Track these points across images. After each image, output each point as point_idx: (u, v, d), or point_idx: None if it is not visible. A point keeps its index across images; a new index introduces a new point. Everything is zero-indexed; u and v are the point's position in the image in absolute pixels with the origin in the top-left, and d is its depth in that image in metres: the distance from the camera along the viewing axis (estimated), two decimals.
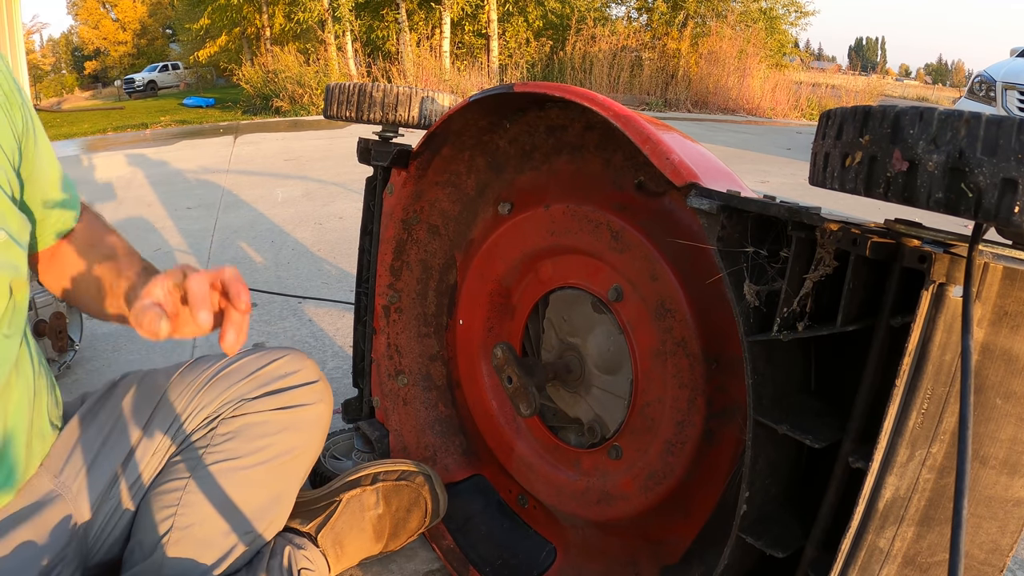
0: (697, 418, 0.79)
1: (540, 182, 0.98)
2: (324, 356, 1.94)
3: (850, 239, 0.53)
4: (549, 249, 0.96)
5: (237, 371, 0.93)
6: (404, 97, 1.14)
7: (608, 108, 0.75)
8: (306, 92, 10.68)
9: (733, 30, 12.24)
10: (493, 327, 1.07)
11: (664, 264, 0.81)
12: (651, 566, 0.89)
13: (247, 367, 0.93)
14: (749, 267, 0.63)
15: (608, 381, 0.92)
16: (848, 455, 0.55)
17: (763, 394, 0.61)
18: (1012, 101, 4.99)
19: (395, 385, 1.19)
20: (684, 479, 0.82)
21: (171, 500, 0.86)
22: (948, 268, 0.48)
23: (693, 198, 0.65)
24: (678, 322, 0.80)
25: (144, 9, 32.18)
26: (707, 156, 0.79)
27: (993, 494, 0.55)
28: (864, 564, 0.54)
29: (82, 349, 1.90)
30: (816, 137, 0.54)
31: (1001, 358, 0.52)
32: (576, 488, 0.96)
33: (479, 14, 13.29)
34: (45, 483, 0.82)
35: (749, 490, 0.61)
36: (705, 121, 9.38)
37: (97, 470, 0.86)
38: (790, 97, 11.70)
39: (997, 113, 0.43)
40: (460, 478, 1.18)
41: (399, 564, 1.15)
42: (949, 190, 0.43)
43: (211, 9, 15.74)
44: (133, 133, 6.73)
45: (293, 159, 5.24)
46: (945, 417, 0.52)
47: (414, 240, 1.14)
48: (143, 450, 0.89)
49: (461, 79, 11.39)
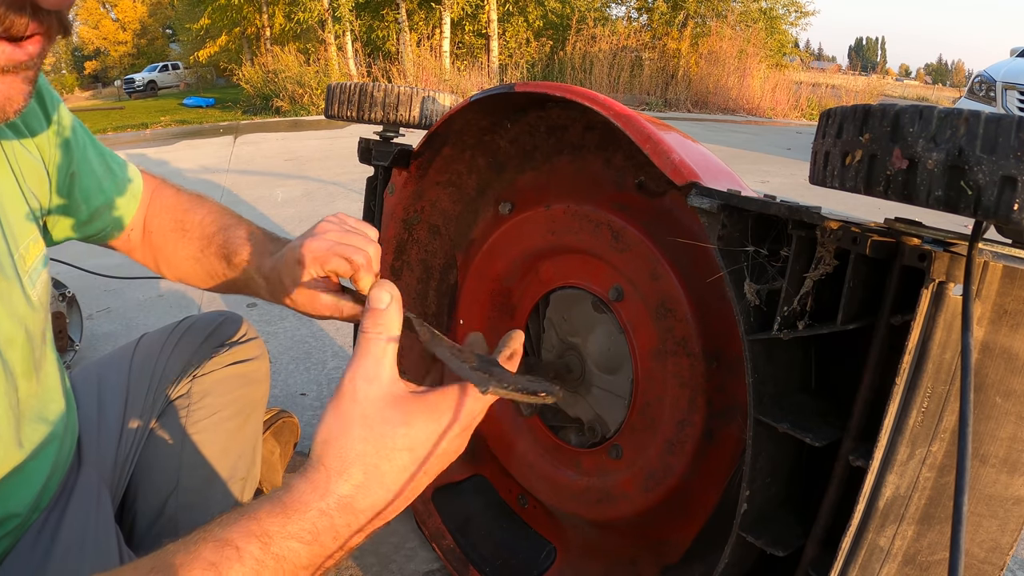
0: (697, 417, 0.80)
1: (541, 182, 0.98)
2: (324, 356, 1.94)
3: (850, 238, 0.53)
4: (550, 249, 0.96)
5: (193, 333, 0.97)
6: (405, 97, 1.14)
7: (609, 108, 0.75)
8: (306, 92, 10.69)
9: (733, 30, 12.25)
10: (494, 327, 1.08)
11: (664, 263, 0.81)
12: (651, 566, 0.89)
13: (200, 329, 0.98)
14: (749, 266, 0.63)
15: (608, 381, 0.92)
16: (848, 453, 0.55)
17: (763, 393, 0.61)
18: (1012, 101, 4.99)
19: None
20: (684, 478, 0.82)
21: (171, 459, 0.89)
22: (948, 266, 0.48)
23: (694, 197, 0.65)
24: (679, 321, 0.80)
25: (144, 9, 32.20)
26: (707, 156, 0.79)
27: (993, 492, 0.55)
28: (864, 563, 0.54)
29: (82, 349, 1.90)
30: (816, 136, 0.54)
31: (1001, 356, 0.52)
32: (576, 488, 0.96)
33: (479, 14, 13.29)
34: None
35: (749, 489, 0.61)
36: (705, 121, 9.38)
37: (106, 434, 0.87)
38: (790, 97, 11.70)
39: (997, 112, 0.44)
40: (460, 478, 1.18)
41: (399, 564, 1.15)
42: (949, 188, 0.43)
43: (211, 9, 15.75)
44: (133, 133, 6.73)
45: (293, 159, 5.24)
46: (945, 415, 0.52)
47: (415, 240, 1.14)
48: (131, 414, 0.90)
49: (461, 79, 11.39)
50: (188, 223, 0.86)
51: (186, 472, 0.89)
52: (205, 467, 0.90)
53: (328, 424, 0.47)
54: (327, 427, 0.47)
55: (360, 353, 0.49)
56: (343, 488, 0.46)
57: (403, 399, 0.48)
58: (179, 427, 0.90)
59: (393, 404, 0.48)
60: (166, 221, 0.87)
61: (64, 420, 0.74)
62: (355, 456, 0.46)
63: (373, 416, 0.47)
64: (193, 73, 23.89)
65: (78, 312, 1.89)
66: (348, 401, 0.47)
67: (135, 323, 2.19)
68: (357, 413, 0.47)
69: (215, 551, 0.44)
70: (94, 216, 0.81)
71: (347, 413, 0.47)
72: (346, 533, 0.47)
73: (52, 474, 0.72)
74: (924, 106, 0.44)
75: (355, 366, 0.48)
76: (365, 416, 0.47)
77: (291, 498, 0.46)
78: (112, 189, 0.82)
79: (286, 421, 1.33)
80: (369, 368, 0.48)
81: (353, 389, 0.47)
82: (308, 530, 0.46)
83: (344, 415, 0.47)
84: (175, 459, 0.89)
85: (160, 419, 0.91)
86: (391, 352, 0.49)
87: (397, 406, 0.48)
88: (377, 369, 0.48)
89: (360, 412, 0.47)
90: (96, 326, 2.15)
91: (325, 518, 0.46)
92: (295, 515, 0.46)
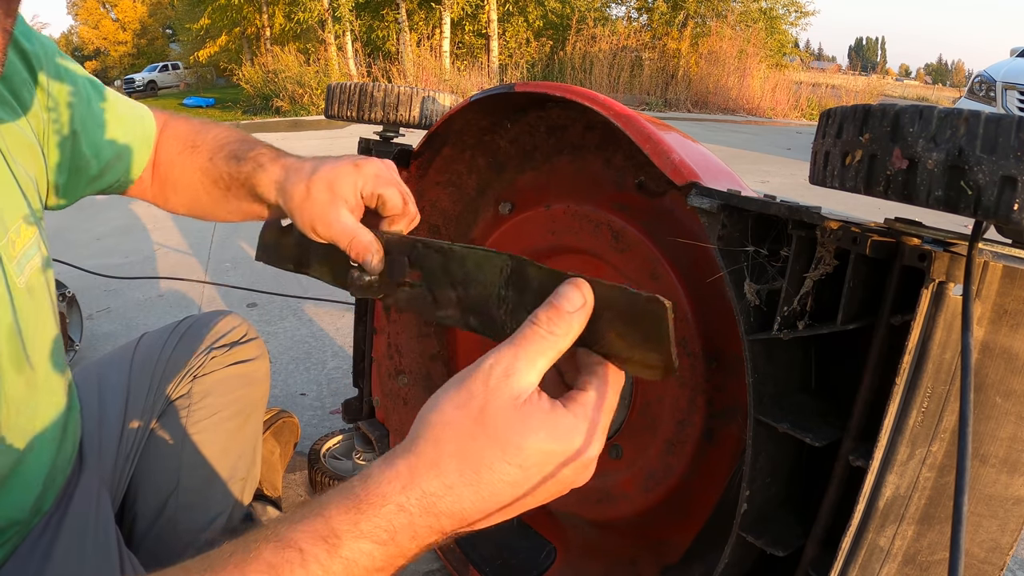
0: (697, 417, 0.80)
1: (541, 182, 0.98)
2: (324, 356, 1.94)
3: (850, 238, 0.53)
4: (550, 249, 0.96)
5: (193, 333, 0.97)
6: (405, 97, 1.14)
7: (609, 108, 0.75)
8: (306, 92, 10.69)
9: (733, 30, 12.25)
10: None
11: (664, 263, 0.81)
12: (651, 566, 0.89)
13: (200, 329, 0.97)
14: (749, 266, 0.63)
15: None
16: (848, 454, 0.55)
17: (763, 393, 0.61)
18: (1012, 101, 4.99)
19: (396, 385, 1.19)
20: (684, 478, 0.82)
21: (171, 459, 0.89)
22: (948, 266, 0.48)
23: (694, 197, 0.65)
24: (678, 321, 0.80)
25: (144, 9, 32.20)
26: (707, 156, 0.79)
27: (993, 492, 0.55)
28: (864, 563, 0.54)
29: (82, 349, 1.90)
30: (816, 136, 0.54)
31: (1001, 356, 0.52)
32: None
33: (479, 14, 13.29)
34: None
35: (749, 489, 0.61)
36: (705, 121, 9.38)
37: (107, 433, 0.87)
38: (790, 97, 11.70)
39: (997, 112, 0.44)
40: None
41: None
42: (949, 188, 0.43)
43: (211, 9, 15.76)
44: None
45: None
46: (945, 415, 0.52)
47: None
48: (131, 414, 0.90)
49: (461, 79, 11.39)
50: (200, 140, 0.80)
51: (186, 472, 0.89)
52: (205, 467, 0.91)
53: (442, 406, 0.41)
54: (440, 408, 0.41)
55: (519, 343, 0.41)
56: (431, 485, 0.39)
57: (535, 408, 0.41)
58: (179, 427, 0.90)
59: (522, 409, 0.40)
60: (174, 146, 0.81)
61: (63, 420, 0.73)
62: (456, 451, 0.40)
63: (496, 415, 0.40)
64: (193, 73, 23.89)
65: (78, 312, 1.89)
66: (480, 387, 0.40)
67: (135, 323, 2.19)
68: (477, 405, 0.40)
69: (276, 552, 0.39)
70: (105, 170, 0.77)
71: (469, 402, 0.40)
72: (426, 536, 0.40)
73: (52, 476, 0.71)
74: (924, 106, 0.44)
75: (507, 354, 0.41)
76: (486, 411, 0.40)
77: (367, 490, 0.40)
78: (122, 139, 0.78)
79: (286, 421, 1.33)
80: (520, 364, 0.41)
81: (488, 377, 0.40)
82: (384, 528, 0.39)
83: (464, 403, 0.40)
84: (175, 459, 0.89)
85: (160, 419, 0.91)
86: (550, 359, 0.42)
87: (525, 412, 0.40)
88: (528, 368, 0.41)
89: (481, 405, 0.40)
90: (96, 326, 2.15)
91: (404, 515, 0.39)
92: (370, 510, 0.39)
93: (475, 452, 0.40)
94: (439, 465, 0.40)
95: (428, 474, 0.40)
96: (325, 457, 1.34)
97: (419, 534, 0.40)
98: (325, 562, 0.38)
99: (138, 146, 0.80)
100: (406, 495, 0.39)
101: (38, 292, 0.67)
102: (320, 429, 1.54)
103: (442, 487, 0.40)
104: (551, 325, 0.41)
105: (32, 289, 0.66)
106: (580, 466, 0.43)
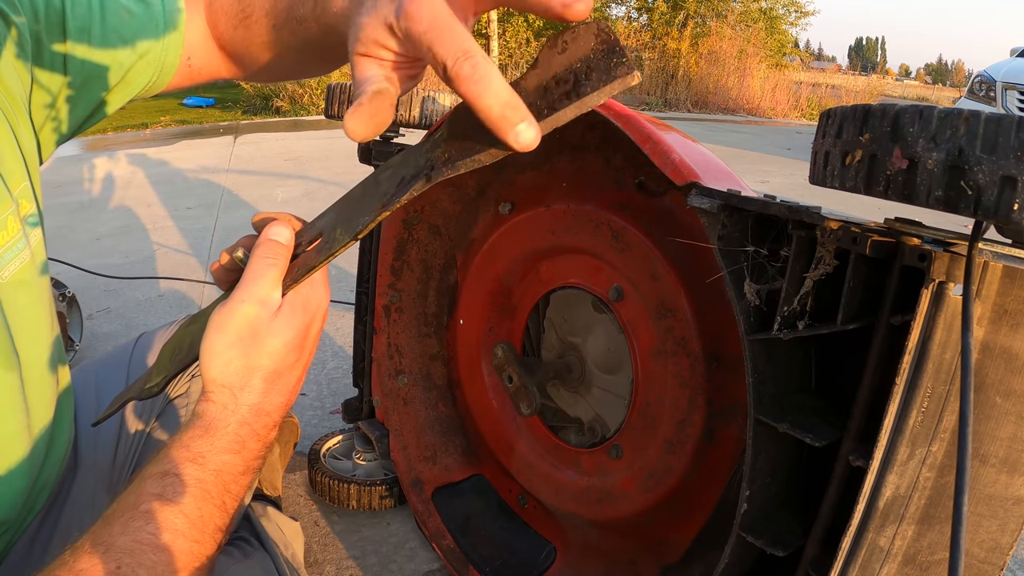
0: (697, 417, 0.80)
1: (541, 182, 0.98)
2: (324, 356, 1.94)
3: (850, 238, 0.53)
4: (550, 249, 0.96)
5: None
6: (405, 97, 1.14)
7: (609, 108, 0.75)
8: (306, 92, 10.68)
9: (733, 30, 12.24)
10: (494, 327, 1.08)
11: (664, 263, 0.81)
12: (651, 566, 0.89)
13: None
14: (749, 266, 0.63)
15: (608, 381, 0.92)
16: (848, 453, 0.55)
17: (763, 393, 0.61)
18: (1012, 101, 5.00)
19: (395, 385, 1.20)
20: (684, 478, 0.82)
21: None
22: (948, 266, 0.48)
23: (694, 197, 0.65)
24: (678, 321, 0.80)
25: None
26: (707, 156, 0.79)
27: (993, 492, 0.55)
28: (864, 563, 0.54)
29: (82, 349, 1.90)
30: (816, 136, 0.54)
31: (1001, 356, 0.52)
32: (576, 488, 0.96)
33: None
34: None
35: (749, 489, 0.61)
36: (705, 121, 9.38)
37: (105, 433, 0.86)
38: (790, 97, 11.70)
39: (997, 112, 0.44)
40: (460, 478, 1.18)
41: (399, 564, 1.15)
42: (949, 188, 0.43)
43: None
44: (133, 133, 6.73)
45: (293, 159, 5.24)
46: (945, 415, 0.52)
47: (415, 240, 1.14)
48: (130, 414, 0.89)
49: None
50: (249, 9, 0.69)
51: None
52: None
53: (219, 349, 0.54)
54: (217, 352, 0.54)
55: (249, 278, 0.54)
56: (250, 398, 0.54)
57: (276, 310, 0.55)
58: (179, 427, 0.90)
59: (272, 317, 0.54)
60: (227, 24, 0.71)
61: (56, 420, 0.72)
62: (251, 368, 0.54)
63: (260, 331, 0.54)
64: None
65: (78, 312, 1.89)
66: (239, 323, 0.53)
67: (135, 323, 2.19)
68: (246, 333, 0.54)
69: (157, 483, 0.49)
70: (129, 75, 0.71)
71: (237, 338, 0.54)
72: (265, 432, 0.55)
73: (43, 475, 0.70)
74: (924, 106, 0.44)
75: (242, 290, 0.54)
76: (253, 333, 0.54)
77: (207, 421, 0.53)
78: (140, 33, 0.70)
79: (286, 421, 1.33)
80: (257, 291, 0.54)
81: (239, 312, 0.53)
82: (234, 440, 0.53)
83: (234, 340, 0.54)
84: None
85: (159, 419, 0.91)
86: (275, 275, 0.55)
87: (275, 318, 0.54)
88: (268, 291, 0.54)
89: (245, 331, 0.54)
90: (96, 326, 2.15)
91: (245, 427, 0.54)
92: (219, 432, 0.52)
93: (255, 360, 0.54)
94: (248, 384, 0.54)
95: (243, 393, 0.54)
96: (325, 457, 1.34)
97: (261, 434, 0.55)
98: (200, 476, 0.50)
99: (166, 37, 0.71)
100: (239, 414, 0.54)
101: (27, 289, 0.65)
102: (320, 429, 1.54)
103: (259, 396, 0.54)
104: (266, 254, 0.56)
105: (20, 285, 0.64)
106: (288, 309, 0.55)
